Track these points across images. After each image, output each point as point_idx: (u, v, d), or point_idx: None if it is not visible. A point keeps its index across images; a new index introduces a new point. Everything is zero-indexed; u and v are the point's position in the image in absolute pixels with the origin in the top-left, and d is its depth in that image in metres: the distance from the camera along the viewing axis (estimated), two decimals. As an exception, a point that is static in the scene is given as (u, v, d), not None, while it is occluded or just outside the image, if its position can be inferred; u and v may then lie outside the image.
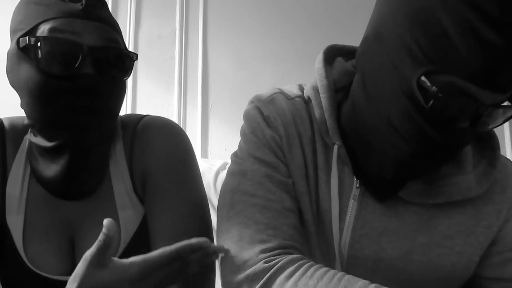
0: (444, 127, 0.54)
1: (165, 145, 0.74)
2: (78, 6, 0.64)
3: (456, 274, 0.66)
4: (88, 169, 0.69)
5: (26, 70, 0.64)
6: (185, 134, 0.78)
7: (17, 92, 0.69)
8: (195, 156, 0.77)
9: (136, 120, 0.76)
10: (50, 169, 0.67)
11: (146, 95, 1.99)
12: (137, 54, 0.71)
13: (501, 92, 0.52)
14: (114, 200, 0.72)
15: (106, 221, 0.49)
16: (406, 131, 0.56)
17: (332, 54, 0.72)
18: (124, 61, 0.69)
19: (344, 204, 0.66)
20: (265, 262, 0.57)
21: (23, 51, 0.64)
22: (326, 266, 0.59)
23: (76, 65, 0.62)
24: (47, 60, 0.62)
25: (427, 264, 0.65)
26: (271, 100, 0.70)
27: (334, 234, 0.65)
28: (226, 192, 0.67)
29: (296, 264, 0.57)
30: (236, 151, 0.71)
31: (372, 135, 0.62)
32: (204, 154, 1.96)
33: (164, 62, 2.01)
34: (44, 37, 0.62)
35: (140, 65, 2.02)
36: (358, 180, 0.66)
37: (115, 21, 0.71)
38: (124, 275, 0.49)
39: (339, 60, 0.72)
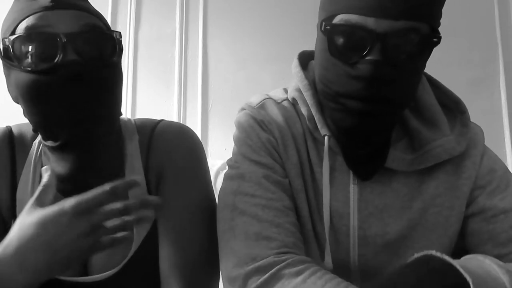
0: (354, 60, 0.61)
1: (181, 148, 0.75)
2: None
3: (452, 228, 0.71)
4: (96, 166, 0.67)
5: (15, 75, 0.63)
6: (199, 139, 0.79)
7: (20, 104, 0.67)
8: (207, 162, 0.79)
9: (154, 124, 0.77)
10: (62, 167, 0.66)
11: (146, 95, 1.99)
12: (120, 32, 0.69)
13: (393, 18, 0.58)
14: None
15: (44, 170, 0.59)
16: (331, 75, 0.65)
17: (305, 59, 0.79)
18: (107, 42, 0.67)
19: (346, 190, 0.70)
20: (275, 257, 0.60)
21: (6, 58, 0.63)
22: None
23: (58, 55, 0.61)
24: (29, 58, 0.61)
25: (425, 225, 0.71)
26: (261, 105, 0.75)
27: (325, 220, 0.68)
28: (227, 195, 0.69)
29: (306, 264, 0.60)
30: (230, 157, 0.74)
31: (331, 104, 0.68)
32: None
33: (164, 62, 2.01)
34: (18, 36, 0.61)
35: (140, 65, 2.02)
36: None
37: (92, 6, 0.69)
38: (62, 207, 0.54)
39: (312, 63, 0.78)
